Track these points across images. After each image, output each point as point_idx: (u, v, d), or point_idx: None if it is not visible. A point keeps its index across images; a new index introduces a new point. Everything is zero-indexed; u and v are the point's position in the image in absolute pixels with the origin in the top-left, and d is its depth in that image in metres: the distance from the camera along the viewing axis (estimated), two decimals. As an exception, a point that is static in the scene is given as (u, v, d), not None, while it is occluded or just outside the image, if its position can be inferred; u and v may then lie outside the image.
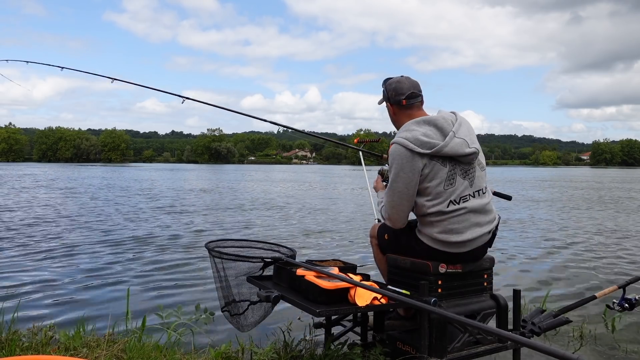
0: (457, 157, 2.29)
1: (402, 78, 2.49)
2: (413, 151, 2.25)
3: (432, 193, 2.30)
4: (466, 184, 2.33)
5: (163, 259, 6.25)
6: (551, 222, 10.70)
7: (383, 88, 2.55)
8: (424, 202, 2.32)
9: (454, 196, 2.30)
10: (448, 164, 2.29)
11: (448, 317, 1.90)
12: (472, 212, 2.33)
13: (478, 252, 2.45)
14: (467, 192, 2.33)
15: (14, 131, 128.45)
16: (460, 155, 2.28)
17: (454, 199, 2.30)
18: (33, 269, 5.50)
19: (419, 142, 2.25)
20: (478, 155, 2.35)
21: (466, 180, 2.33)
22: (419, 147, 2.24)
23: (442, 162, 2.28)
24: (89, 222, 9.63)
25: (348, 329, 2.73)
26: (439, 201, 2.30)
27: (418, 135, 2.27)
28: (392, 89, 2.48)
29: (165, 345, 2.66)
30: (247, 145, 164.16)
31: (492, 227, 2.43)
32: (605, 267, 6.07)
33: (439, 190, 2.29)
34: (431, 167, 2.27)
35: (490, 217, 2.42)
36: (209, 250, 2.54)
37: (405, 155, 2.26)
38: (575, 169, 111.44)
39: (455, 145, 2.26)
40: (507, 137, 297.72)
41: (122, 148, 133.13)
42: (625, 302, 2.92)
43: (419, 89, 2.48)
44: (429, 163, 2.27)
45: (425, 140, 2.25)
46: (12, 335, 2.58)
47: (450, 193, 2.29)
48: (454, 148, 2.26)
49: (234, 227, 9.43)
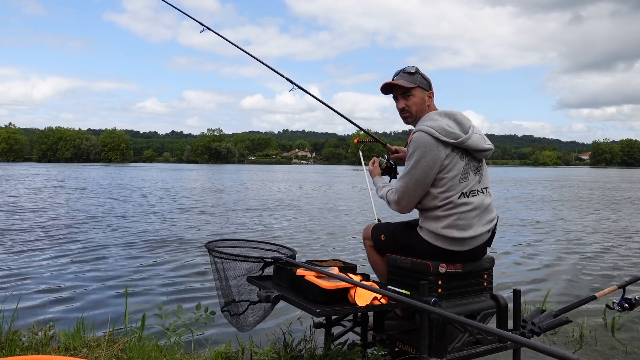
0: (474, 152, 2.36)
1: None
2: (438, 139, 2.29)
3: (447, 185, 2.32)
4: (477, 180, 2.38)
5: (164, 258, 6.25)
6: (551, 222, 10.70)
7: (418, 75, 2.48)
8: (436, 194, 2.34)
9: (466, 189, 2.34)
10: (465, 158, 2.35)
11: (448, 317, 1.90)
12: (477, 209, 2.36)
13: (478, 251, 2.45)
14: (476, 187, 2.38)
15: (14, 131, 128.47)
16: (479, 150, 2.34)
17: (466, 192, 2.34)
18: (33, 269, 5.50)
19: (444, 131, 2.30)
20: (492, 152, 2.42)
21: (477, 176, 2.39)
22: (444, 136, 2.29)
23: (460, 155, 2.34)
24: (90, 222, 9.63)
25: (348, 329, 2.73)
26: (452, 193, 2.32)
27: (443, 125, 2.32)
28: (428, 78, 2.50)
29: (165, 345, 2.66)
30: (247, 145, 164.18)
31: (492, 225, 2.45)
32: (605, 267, 6.07)
33: (453, 182, 2.32)
34: (451, 158, 2.31)
35: (492, 215, 2.45)
36: (209, 250, 2.53)
37: (430, 142, 2.29)
38: (575, 169, 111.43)
39: (476, 139, 2.33)
40: (507, 137, 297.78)
41: (122, 148, 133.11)
42: (625, 302, 2.91)
43: None
44: (450, 154, 2.31)
45: (450, 131, 2.30)
46: (12, 335, 2.58)
47: (463, 187, 2.34)
48: (475, 142, 2.32)
49: (233, 227, 9.43)
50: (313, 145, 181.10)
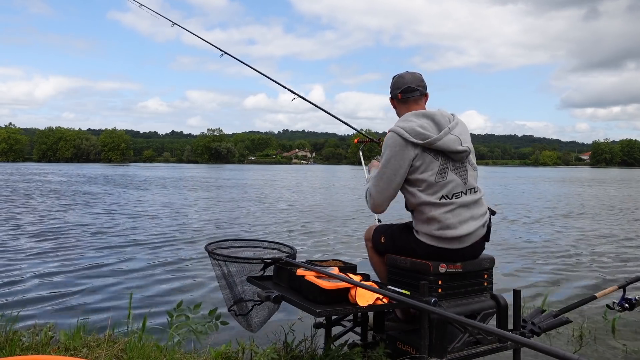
0: (449, 153, 2.34)
1: (405, 73, 2.59)
2: (407, 140, 2.32)
3: (424, 184, 2.34)
4: (458, 181, 2.37)
5: (167, 257, 6.25)
6: (552, 222, 10.70)
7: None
8: (416, 192, 2.36)
9: (445, 191, 2.34)
10: (440, 158, 2.34)
11: (448, 317, 1.91)
12: (463, 207, 2.37)
13: (476, 247, 2.46)
14: (459, 189, 2.37)
15: (14, 131, 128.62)
16: (452, 151, 2.33)
17: (446, 194, 2.34)
18: (33, 269, 5.50)
19: (414, 132, 2.32)
20: (469, 154, 2.41)
21: (458, 177, 2.37)
22: (413, 137, 2.31)
23: (434, 155, 2.34)
24: (91, 222, 9.63)
25: (348, 329, 2.72)
26: (431, 192, 2.34)
27: (414, 126, 2.33)
28: (392, 83, 2.60)
29: (166, 345, 2.66)
30: (247, 145, 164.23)
31: (486, 219, 2.46)
32: (605, 267, 6.07)
33: (430, 181, 2.33)
34: (423, 159, 2.33)
35: (482, 210, 2.46)
36: (209, 252, 2.53)
37: (399, 143, 2.33)
38: (576, 169, 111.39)
39: (448, 140, 2.32)
40: (507, 137, 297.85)
41: (122, 148, 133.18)
42: (626, 302, 2.92)
43: (419, 84, 2.54)
44: (421, 154, 2.33)
45: (420, 132, 2.32)
46: (12, 335, 2.58)
47: (442, 186, 2.33)
48: (447, 143, 2.31)
49: (234, 227, 9.43)
50: (313, 145, 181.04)
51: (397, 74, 2.62)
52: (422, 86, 2.55)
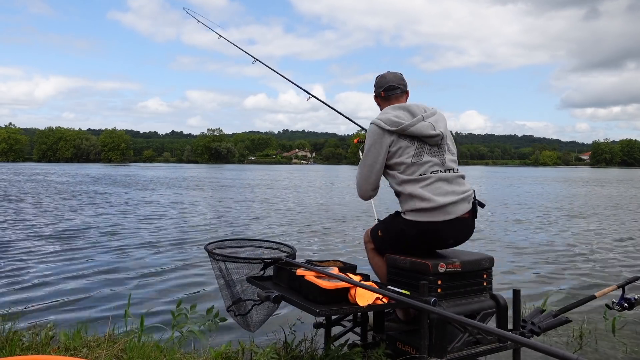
0: (423, 138, 2.50)
1: (386, 73, 2.79)
2: (383, 129, 2.52)
3: (403, 166, 2.51)
4: (436, 161, 2.51)
5: (169, 257, 6.25)
6: (552, 222, 10.71)
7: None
8: (396, 175, 2.53)
9: (423, 169, 2.48)
10: (416, 143, 2.51)
11: (448, 317, 1.91)
12: (442, 181, 2.48)
13: (465, 223, 2.51)
14: (437, 167, 2.50)
15: (14, 131, 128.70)
16: (426, 135, 2.49)
17: (423, 172, 2.48)
18: (33, 269, 5.50)
19: (389, 121, 2.52)
20: (444, 139, 2.54)
21: (435, 158, 2.51)
22: (388, 126, 2.51)
23: (410, 140, 2.51)
24: (90, 222, 9.63)
25: (348, 329, 2.73)
26: (409, 172, 2.50)
27: (390, 117, 2.53)
28: (375, 83, 2.80)
29: (166, 345, 2.66)
30: (247, 145, 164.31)
31: (469, 195, 2.53)
32: (605, 266, 6.07)
33: (407, 162, 2.50)
34: (398, 144, 2.51)
35: (465, 187, 2.56)
36: (209, 252, 2.53)
37: (377, 132, 2.54)
38: (576, 169, 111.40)
39: (421, 126, 2.49)
40: (507, 137, 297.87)
41: (122, 148, 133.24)
42: (625, 301, 2.92)
43: (400, 83, 2.73)
44: (397, 140, 2.51)
45: (395, 120, 2.51)
46: (12, 335, 2.58)
47: (419, 165, 2.49)
48: (419, 129, 2.49)
49: (234, 227, 9.43)
50: (313, 145, 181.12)
51: (380, 74, 2.81)
52: (403, 84, 2.74)
